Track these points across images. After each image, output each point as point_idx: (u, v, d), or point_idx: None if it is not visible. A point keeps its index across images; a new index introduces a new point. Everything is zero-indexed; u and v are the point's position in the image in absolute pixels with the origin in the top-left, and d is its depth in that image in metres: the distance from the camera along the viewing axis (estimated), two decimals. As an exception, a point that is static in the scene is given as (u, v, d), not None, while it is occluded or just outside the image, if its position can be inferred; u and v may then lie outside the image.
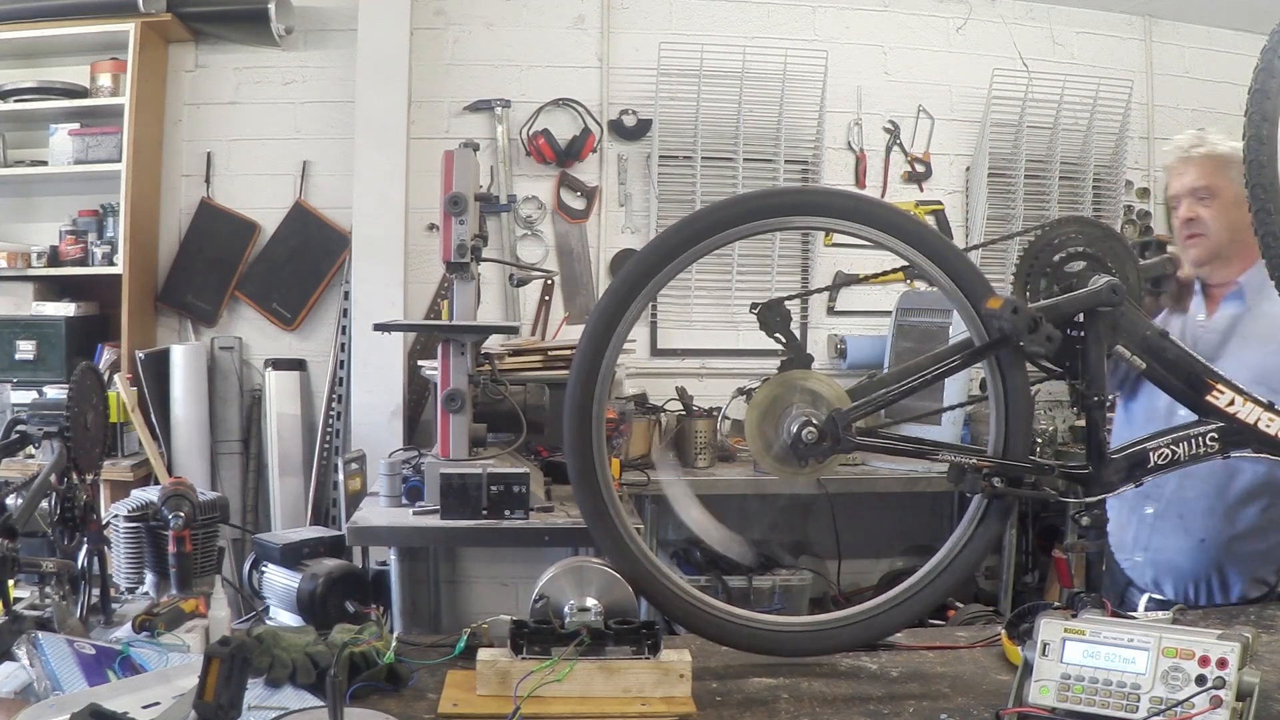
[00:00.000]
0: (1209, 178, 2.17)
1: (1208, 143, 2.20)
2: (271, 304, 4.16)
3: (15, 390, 3.71)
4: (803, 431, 1.45)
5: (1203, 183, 2.17)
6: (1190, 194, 2.17)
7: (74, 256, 3.87)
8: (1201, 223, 2.15)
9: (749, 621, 1.54)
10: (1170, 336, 1.55)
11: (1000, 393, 1.52)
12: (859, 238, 1.52)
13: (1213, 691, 1.18)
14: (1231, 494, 2.02)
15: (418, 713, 1.37)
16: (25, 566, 1.55)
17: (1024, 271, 1.54)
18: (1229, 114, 4.90)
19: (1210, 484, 2.01)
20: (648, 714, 1.36)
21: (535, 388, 3.10)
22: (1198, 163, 2.18)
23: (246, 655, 1.13)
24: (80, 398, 1.77)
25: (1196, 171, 2.17)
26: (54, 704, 1.24)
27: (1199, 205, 2.16)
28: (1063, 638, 1.28)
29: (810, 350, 1.53)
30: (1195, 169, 2.18)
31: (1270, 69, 1.52)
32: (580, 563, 1.48)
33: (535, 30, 4.26)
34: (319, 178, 4.18)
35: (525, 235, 4.26)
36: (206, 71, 4.16)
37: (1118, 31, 4.61)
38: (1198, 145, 2.21)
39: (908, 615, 1.57)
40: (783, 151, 4.31)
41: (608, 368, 1.49)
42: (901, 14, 4.45)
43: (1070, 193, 4.56)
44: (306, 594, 1.93)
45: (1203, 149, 2.19)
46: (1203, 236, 2.16)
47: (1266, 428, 1.52)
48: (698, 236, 1.49)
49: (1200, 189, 2.17)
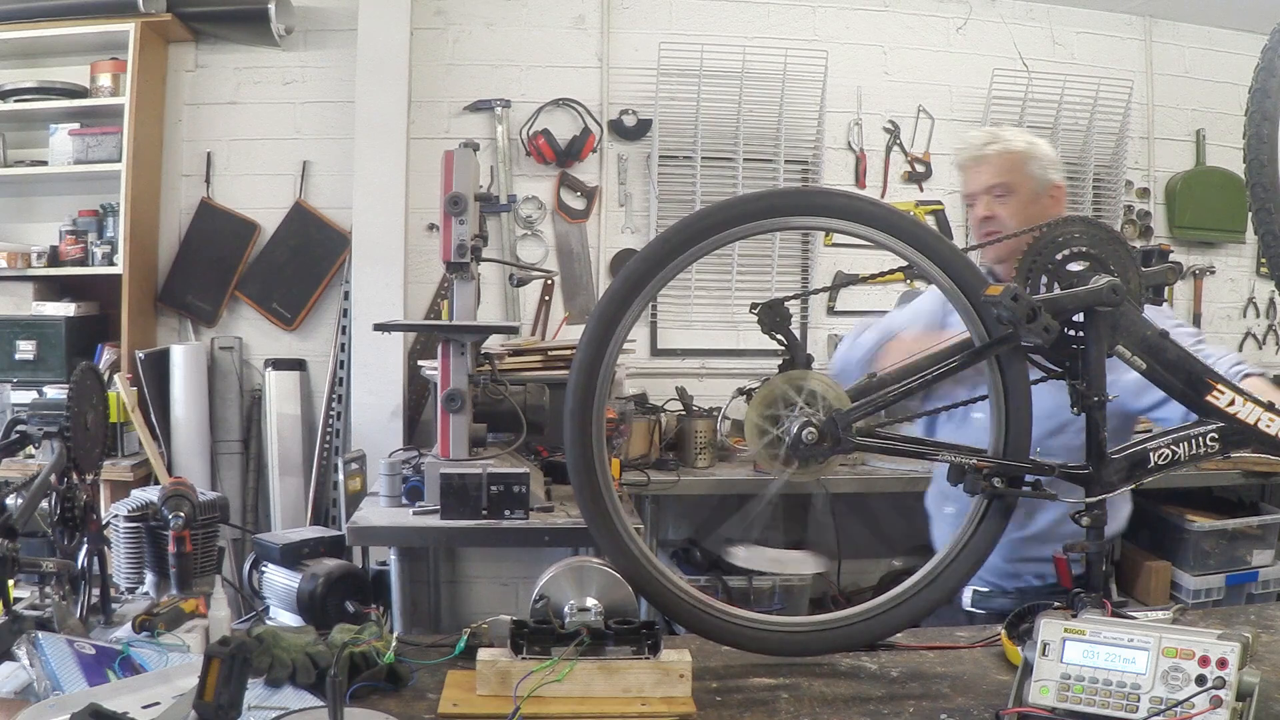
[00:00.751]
0: (1005, 175, 2.18)
1: (1002, 140, 2.21)
2: (271, 304, 4.16)
3: (15, 390, 3.71)
4: (803, 432, 1.45)
5: (999, 180, 2.18)
6: (987, 192, 2.19)
7: (74, 256, 3.87)
8: (999, 221, 2.16)
9: (749, 621, 1.54)
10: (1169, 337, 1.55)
11: (1000, 393, 1.52)
12: (858, 238, 1.52)
13: (1213, 691, 1.18)
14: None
15: (418, 713, 1.37)
16: (25, 566, 1.55)
17: (1025, 267, 1.54)
18: (1229, 114, 4.94)
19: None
20: (648, 714, 1.36)
21: (535, 388, 3.09)
22: (993, 160, 2.19)
23: (246, 655, 1.13)
24: (80, 398, 1.77)
25: (992, 169, 2.19)
26: (54, 704, 1.24)
27: (996, 203, 2.17)
28: (1063, 638, 1.28)
29: (810, 350, 1.52)
30: (991, 167, 2.19)
31: (1271, 68, 1.52)
32: (580, 563, 1.48)
33: (535, 30, 4.26)
34: (319, 178, 4.19)
35: (525, 235, 4.26)
36: (206, 71, 4.16)
37: (1118, 31, 4.61)
38: (992, 143, 2.22)
39: (908, 615, 1.57)
40: (783, 151, 4.31)
41: (608, 368, 1.49)
42: (901, 14, 4.45)
43: (1070, 193, 4.55)
44: (306, 594, 1.93)
45: (997, 146, 2.20)
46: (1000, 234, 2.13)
47: (1267, 428, 1.52)
48: (698, 236, 1.49)
49: (997, 186, 2.18)
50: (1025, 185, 2.18)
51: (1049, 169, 2.23)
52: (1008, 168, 2.18)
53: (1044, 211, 2.19)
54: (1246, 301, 4.82)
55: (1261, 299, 4.82)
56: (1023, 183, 2.18)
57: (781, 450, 1.47)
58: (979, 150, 2.22)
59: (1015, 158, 2.19)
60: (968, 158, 2.26)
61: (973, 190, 2.22)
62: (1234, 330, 4.82)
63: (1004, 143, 2.21)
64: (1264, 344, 4.83)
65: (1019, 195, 2.17)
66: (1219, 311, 4.78)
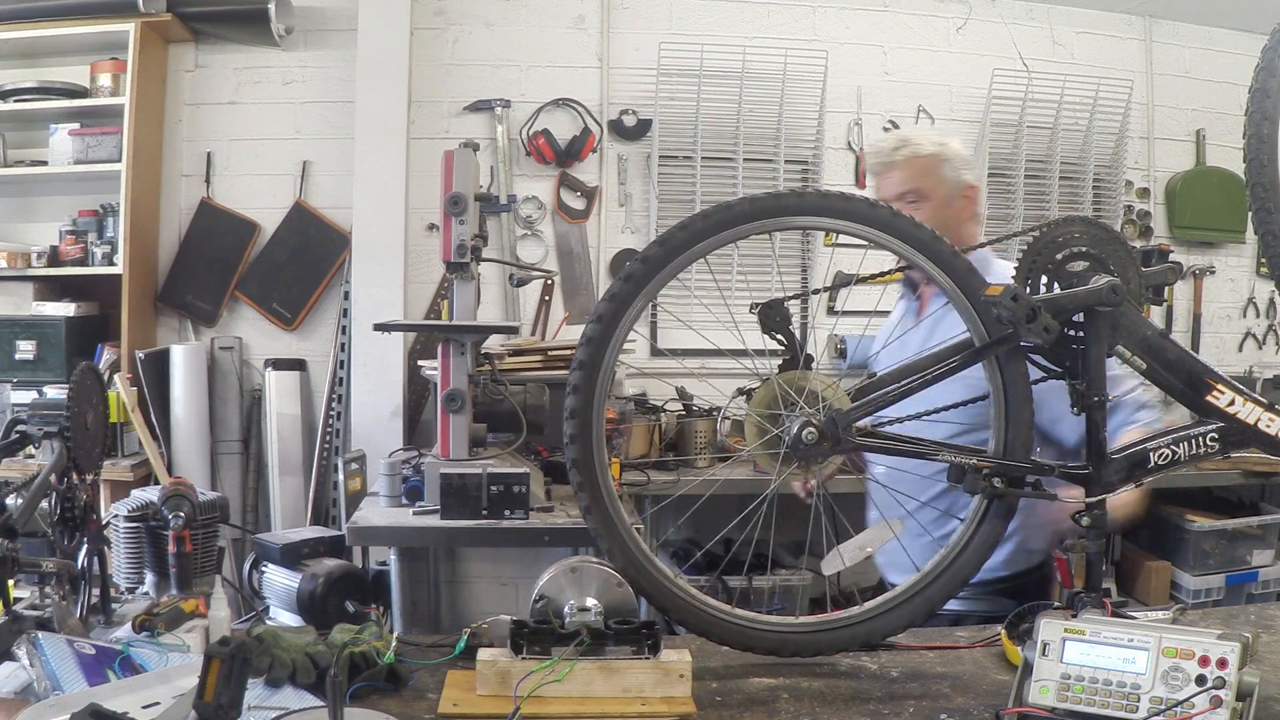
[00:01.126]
0: (917, 180, 2.15)
1: (911, 144, 2.18)
2: (271, 304, 4.17)
3: (15, 390, 3.71)
4: (803, 432, 1.45)
5: (911, 186, 2.14)
6: (899, 198, 2.14)
7: (74, 256, 3.87)
8: None
9: (749, 622, 1.54)
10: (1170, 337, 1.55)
11: (1001, 393, 1.52)
12: (859, 238, 1.52)
13: (1213, 691, 1.18)
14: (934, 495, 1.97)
15: (418, 713, 1.37)
16: (25, 566, 1.55)
17: (1025, 267, 1.54)
18: (1229, 114, 4.94)
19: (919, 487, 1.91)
20: (648, 714, 1.36)
21: (535, 388, 3.10)
22: (904, 166, 2.16)
23: (246, 655, 1.13)
24: (80, 398, 1.77)
25: (904, 175, 2.15)
26: (54, 704, 1.24)
27: (909, 209, 2.09)
28: (1063, 638, 1.28)
29: (810, 350, 1.53)
30: (902, 172, 2.16)
31: (1271, 68, 1.52)
32: (580, 563, 1.48)
33: (535, 30, 4.26)
34: (319, 178, 4.19)
35: (525, 235, 4.26)
36: (206, 71, 4.16)
37: (1118, 31, 4.61)
38: (901, 148, 2.18)
39: (908, 616, 1.57)
40: (783, 151, 4.31)
41: (608, 368, 1.49)
42: (901, 14, 4.45)
43: (1070, 193, 4.56)
44: (306, 594, 1.93)
45: (906, 151, 2.17)
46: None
47: (1267, 428, 1.52)
48: (698, 237, 1.49)
49: (909, 192, 2.14)
50: (938, 190, 2.14)
51: (961, 169, 2.19)
52: (919, 173, 2.15)
53: (958, 214, 2.17)
54: (1246, 301, 4.82)
55: (1261, 299, 4.82)
56: (935, 187, 2.14)
57: (781, 450, 1.47)
58: (889, 156, 2.19)
59: (926, 162, 2.15)
60: (878, 164, 2.22)
61: (885, 197, 2.16)
62: (1234, 330, 4.82)
63: (913, 147, 2.18)
64: (1264, 344, 4.83)
65: (932, 200, 2.14)
66: (1219, 311, 4.78)
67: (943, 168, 2.17)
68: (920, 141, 2.19)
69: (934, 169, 2.15)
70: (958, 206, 2.18)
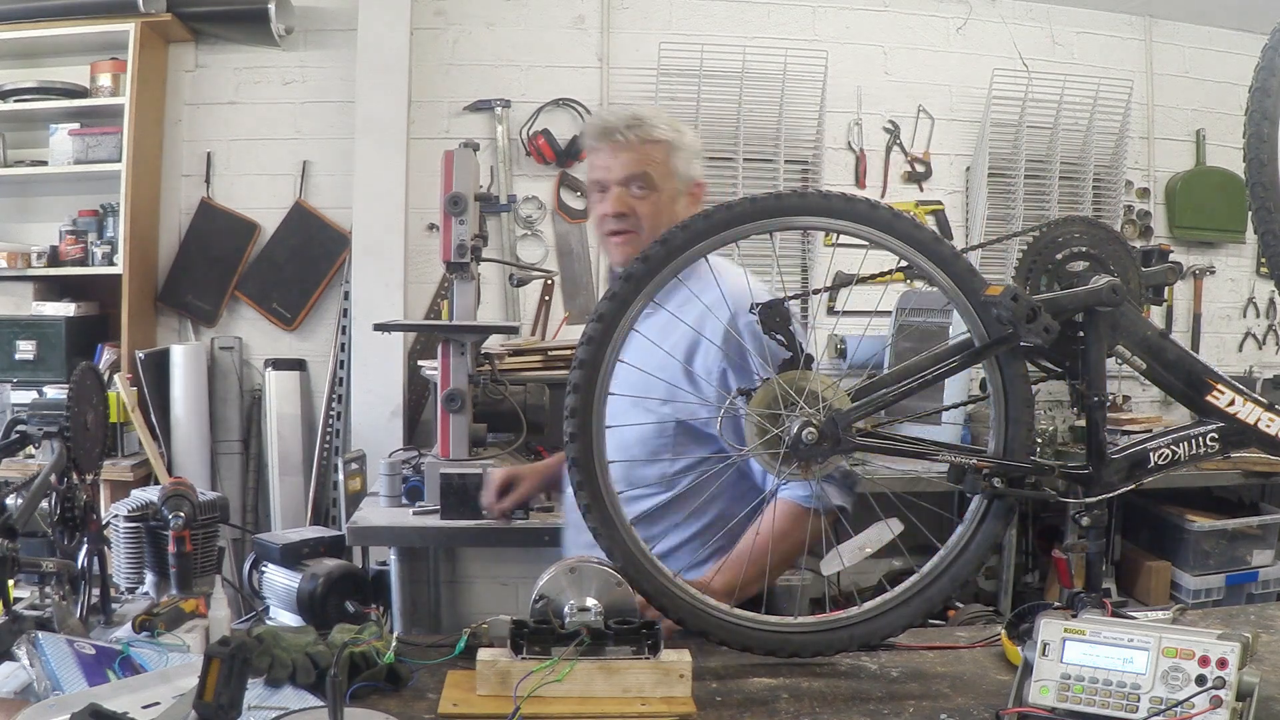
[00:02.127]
0: (648, 166, 1.91)
1: (646, 124, 1.92)
2: (271, 304, 4.17)
3: (15, 390, 3.71)
4: (803, 432, 1.45)
5: (640, 170, 1.91)
6: (624, 182, 1.91)
7: (74, 256, 3.87)
8: (636, 219, 1.91)
9: (749, 622, 1.54)
10: (1170, 337, 1.55)
11: (1001, 393, 1.52)
12: (859, 238, 1.52)
13: (1213, 691, 1.18)
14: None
15: (418, 713, 1.37)
16: (25, 566, 1.55)
17: (1025, 267, 1.54)
18: (1229, 114, 4.93)
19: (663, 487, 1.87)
20: (648, 714, 1.36)
21: (535, 388, 3.09)
22: (637, 148, 1.91)
23: (246, 655, 1.13)
24: (80, 398, 1.77)
25: (636, 158, 1.90)
26: (54, 704, 1.24)
27: (634, 198, 1.91)
28: (1063, 638, 1.28)
29: (810, 350, 1.53)
30: (634, 155, 1.90)
31: (1271, 67, 1.52)
32: (580, 563, 1.48)
33: (535, 30, 4.26)
34: (319, 178, 4.19)
35: (525, 235, 4.26)
36: (206, 71, 4.16)
37: (1118, 31, 4.61)
38: (636, 126, 1.92)
39: (908, 616, 1.57)
40: (783, 151, 4.31)
41: (608, 367, 1.49)
42: (901, 14, 4.45)
43: (1070, 193, 4.56)
44: (306, 594, 1.93)
45: (641, 131, 1.91)
46: (634, 234, 1.91)
47: (1267, 428, 1.52)
48: (699, 237, 1.49)
49: (638, 178, 1.91)
50: (669, 182, 1.93)
51: (693, 163, 1.98)
52: (653, 159, 1.91)
53: (682, 213, 1.91)
54: (1246, 301, 4.82)
55: (1261, 299, 4.82)
56: (666, 178, 1.92)
57: (781, 450, 1.47)
58: (621, 134, 1.91)
59: (662, 148, 1.92)
60: (603, 140, 1.93)
61: (603, 178, 1.92)
62: (1234, 330, 4.82)
63: (649, 128, 1.92)
64: (1264, 344, 4.83)
65: (662, 192, 1.92)
66: (1219, 311, 4.78)
67: (676, 158, 1.94)
68: (656, 123, 1.94)
69: (668, 158, 1.93)
70: (683, 204, 1.96)
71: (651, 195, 1.91)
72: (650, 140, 1.91)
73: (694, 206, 1.96)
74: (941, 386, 3.15)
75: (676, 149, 1.95)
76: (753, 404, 1.49)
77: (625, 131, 1.90)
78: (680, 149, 1.95)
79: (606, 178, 1.92)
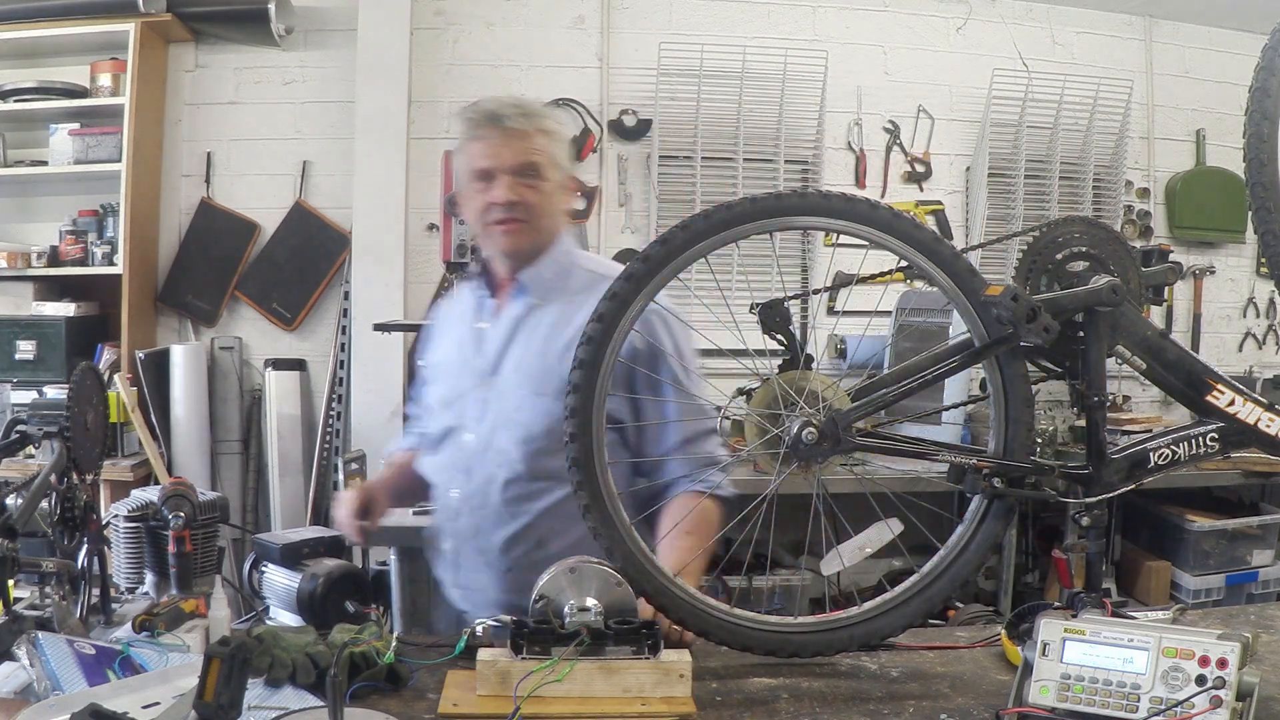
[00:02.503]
0: (539, 155, 1.84)
1: (534, 114, 1.87)
2: (271, 304, 4.17)
3: (15, 390, 3.71)
4: (803, 432, 1.45)
5: (531, 159, 1.83)
6: (514, 172, 1.83)
7: (74, 256, 3.87)
8: (525, 207, 1.84)
9: (749, 622, 1.54)
10: (1170, 337, 1.55)
11: (1001, 393, 1.52)
12: (859, 238, 1.52)
13: (1213, 691, 1.18)
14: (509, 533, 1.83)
15: (418, 713, 1.37)
16: (25, 566, 1.55)
17: (1025, 267, 1.54)
18: (1229, 114, 4.93)
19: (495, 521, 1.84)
20: (648, 714, 1.36)
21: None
22: (529, 137, 1.84)
23: (246, 655, 1.13)
24: (80, 398, 1.77)
25: (526, 147, 1.83)
26: (54, 704, 1.24)
27: (525, 187, 1.84)
28: (1063, 638, 1.28)
29: (810, 350, 1.53)
30: (524, 144, 1.83)
31: (1271, 67, 1.52)
32: (580, 563, 1.48)
33: (535, 30, 4.26)
34: (319, 178, 4.19)
35: (525, 235, 4.26)
36: (206, 71, 4.16)
37: (1118, 31, 4.61)
38: (527, 115, 1.85)
39: (908, 616, 1.57)
40: (783, 151, 4.31)
41: (609, 367, 1.49)
42: (901, 14, 4.46)
43: (1070, 193, 4.56)
44: (306, 594, 1.92)
45: (532, 120, 1.85)
46: (525, 224, 1.85)
47: (1267, 428, 1.52)
48: (699, 236, 1.49)
49: (529, 168, 1.83)
50: (555, 173, 1.87)
51: (568, 157, 1.94)
52: (542, 149, 1.84)
53: (564, 205, 1.94)
54: (1246, 301, 4.82)
55: (1261, 299, 4.82)
56: (553, 169, 1.87)
57: (781, 450, 1.47)
58: (510, 121, 1.83)
59: (549, 139, 1.86)
60: (492, 125, 1.84)
61: (494, 165, 1.83)
62: (1234, 330, 4.82)
63: (539, 117, 1.86)
64: (1264, 344, 4.83)
65: (549, 183, 1.86)
66: (1219, 311, 4.79)
67: (559, 151, 1.89)
68: (545, 114, 1.89)
69: (556, 148, 1.88)
70: (563, 198, 1.93)
71: (540, 185, 1.85)
72: (541, 130, 1.85)
73: (568, 202, 1.96)
74: (941, 386, 3.15)
75: (559, 141, 1.90)
76: (753, 404, 1.49)
77: (517, 119, 1.83)
78: (562, 142, 1.91)
79: (495, 165, 1.83)
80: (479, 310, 1.96)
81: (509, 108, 1.84)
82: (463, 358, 1.94)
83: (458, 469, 1.89)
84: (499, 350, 1.88)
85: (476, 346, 1.91)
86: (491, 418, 1.85)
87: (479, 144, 1.85)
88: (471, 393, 1.88)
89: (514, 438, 1.82)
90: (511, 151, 1.83)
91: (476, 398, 1.88)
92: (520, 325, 1.88)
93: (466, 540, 1.88)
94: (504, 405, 1.84)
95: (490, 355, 1.88)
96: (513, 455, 1.82)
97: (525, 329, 1.87)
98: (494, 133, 1.83)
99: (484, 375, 1.88)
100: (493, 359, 1.88)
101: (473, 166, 1.86)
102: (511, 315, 1.89)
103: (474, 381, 1.89)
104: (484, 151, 1.84)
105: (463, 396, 1.90)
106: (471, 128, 1.86)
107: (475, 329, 1.94)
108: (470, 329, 1.95)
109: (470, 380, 1.89)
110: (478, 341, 1.91)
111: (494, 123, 1.83)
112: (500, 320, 1.91)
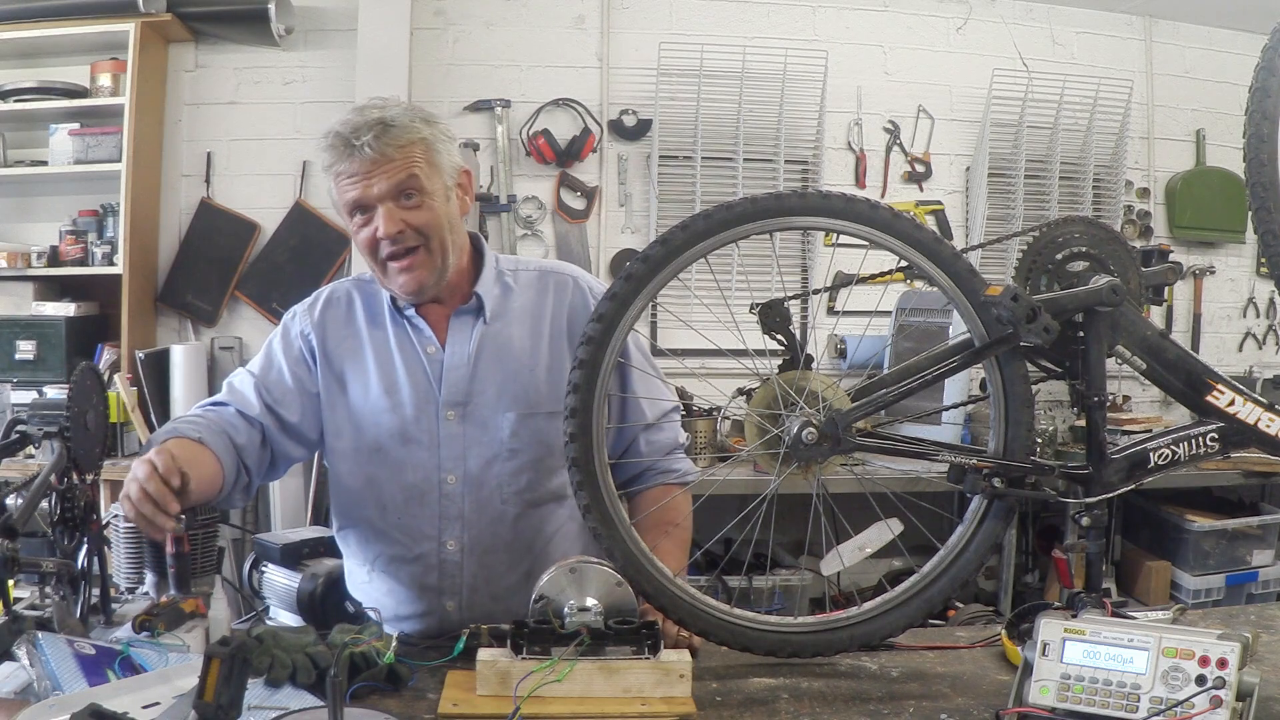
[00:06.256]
0: (413, 169, 1.63)
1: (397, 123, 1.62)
2: (271, 304, 4.16)
3: (15, 390, 3.71)
4: (803, 432, 1.45)
5: (404, 177, 1.62)
6: (389, 197, 1.62)
7: (74, 256, 3.87)
8: (415, 232, 1.65)
9: (749, 622, 1.54)
10: (1170, 337, 1.55)
11: (1001, 393, 1.52)
12: (859, 239, 1.52)
13: (1213, 691, 1.18)
14: (525, 569, 1.76)
15: (418, 713, 1.37)
16: (25, 566, 1.54)
17: (1025, 267, 1.54)
18: (1229, 114, 4.94)
19: (509, 560, 1.77)
20: (648, 714, 1.36)
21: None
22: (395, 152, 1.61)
23: (246, 655, 1.13)
24: (80, 398, 1.77)
25: (395, 166, 1.61)
26: (54, 704, 1.24)
27: (406, 210, 1.64)
28: (1063, 638, 1.28)
29: (810, 350, 1.52)
30: (392, 165, 1.61)
31: (1271, 67, 1.52)
32: (580, 563, 1.48)
33: (535, 30, 4.26)
34: (319, 178, 4.16)
35: (525, 235, 4.26)
36: (206, 71, 4.16)
37: (1118, 31, 4.61)
38: (383, 134, 1.60)
39: (908, 616, 1.57)
40: (783, 151, 4.31)
41: (608, 367, 1.49)
42: (901, 14, 4.46)
43: (1070, 193, 4.56)
44: (306, 594, 1.93)
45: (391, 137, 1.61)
46: (419, 250, 1.66)
47: (1267, 428, 1.52)
48: (699, 237, 1.49)
49: (406, 186, 1.63)
50: (436, 181, 1.65)
51: (453, 150, 1.72)
52: (414, 160, 1.63)
53: (457, 207, 1.73)
54: (1246, 301, 4.82)
55: (1261, 299, 4.82)
56: (433, 177, 1.65)
57: (781, 450, 1.47)
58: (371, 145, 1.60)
59: (421, 147, 1.64)
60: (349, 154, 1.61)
61: (365, 197, 1.63)
62: (1234, 330, 4.82)
63: (399, 127, 1.62)
64: (1264, 344, 4.83)
65: (433, 195, 1.65)
66: (1219, 311, 4.79)
67: (437, 153, 1.67)
68: (406, 122, 1.63)
69: (429, 154, 1.65)
70: (456, 200, 1.72)
71: (425, 200, 1.64)
72: (409, 142, 1.62)
73: (466, 196, 1.75)
74: (941, 386, 3.15)
75: (434, 143, 1.66)
76: (753, 404, 1.49)
77: (374, 143, 1.59)
78: (438, 141, 1.67)
79: (366, 196, 1.62)
80: (406, 330, 1.76)
81: (365, 129, 1.60)
82: (415, 389, 1.73)
83: (448, 518, 1.73)
84: (465, 377, 1.72)
85: (430, 376, 1.73)
86: (479, 452, 1.73)
87: (342, 174, 1.64)
88: (439, 430, 1.72)
89: (514, 468, 1.74)
90: (382, 175, 1.61)
91: (448, 434, 1.72)
92: (484, 346, 1.74)
93: (476, 590, 1.76)
94: (491, 437, 1.72)
95: (457, 383, 1.72)
96: (519, 486, 1.74)
97: (491, 349, 1.74)
98: (355, 162, 1.61)
99: (453, 407, 1.72)
100: (461, 387, 1.72)
101: (343, 199, 1.66)
102: (467, 335, 1.74)
103: (436, 417, 1.72)
104: (351, 184, 1.63)
105: (420, 438, 1.71)
106: (333, 158, 1.64)
107: (424, 355, 1.74)
108: (416, 355, 1.74)
109: (432, 416, 1.72)
110: (430, 370, 1.73)
111: (352, 151, 1.61)
112: (456, 343, 1.74)
